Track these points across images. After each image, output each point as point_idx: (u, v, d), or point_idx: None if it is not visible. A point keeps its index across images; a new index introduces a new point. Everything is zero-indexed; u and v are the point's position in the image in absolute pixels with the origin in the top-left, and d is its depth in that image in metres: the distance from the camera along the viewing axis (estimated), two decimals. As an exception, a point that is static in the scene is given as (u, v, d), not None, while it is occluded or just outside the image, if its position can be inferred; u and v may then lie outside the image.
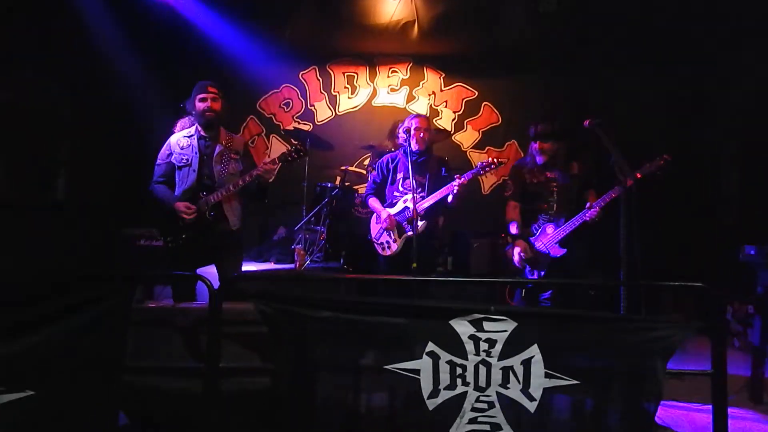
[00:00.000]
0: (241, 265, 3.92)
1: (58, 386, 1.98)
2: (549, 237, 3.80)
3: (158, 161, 3.72)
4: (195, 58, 6.28)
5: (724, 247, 4.68)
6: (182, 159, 3.65)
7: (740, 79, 5.64)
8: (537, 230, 3.87)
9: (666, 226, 5.57)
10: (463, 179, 3.93)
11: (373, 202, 4.38)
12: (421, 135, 4.16)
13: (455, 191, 3.93)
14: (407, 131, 4.12)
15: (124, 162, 5.68)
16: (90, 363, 2.07)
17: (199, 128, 3.71)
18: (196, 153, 3.66)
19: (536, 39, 6.13)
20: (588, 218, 3.68)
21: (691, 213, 5.84)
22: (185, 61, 6.26)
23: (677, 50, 5.80)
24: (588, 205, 3.71)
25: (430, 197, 4.03)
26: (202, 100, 3.64)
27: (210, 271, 3.57)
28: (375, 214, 4.37)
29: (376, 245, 4.30)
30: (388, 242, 4.20)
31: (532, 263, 3.84)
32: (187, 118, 3.80)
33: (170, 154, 3.68)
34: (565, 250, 3.76)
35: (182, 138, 3.71)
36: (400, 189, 4.23)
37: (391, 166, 4.34)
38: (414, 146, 4.13)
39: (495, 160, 3.97)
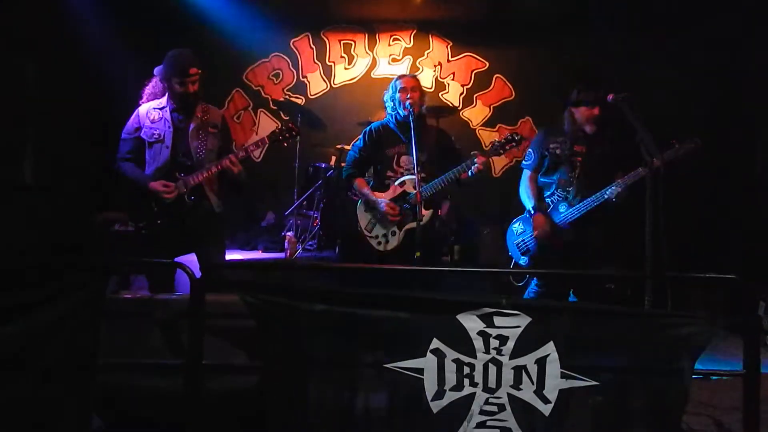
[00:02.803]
0: (224, 253, 3.91)
1: (23, 388, 1.98)
2: (560, 217, 3.78)
3: (124, 135, 3.60)
4: (176, 24, 6.21)
5: (759, 238, 4.68)
6: (153, 134, 3.53)
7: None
8: (548, 208, 3.84)
9: (695, 213, 5.56)
10: (483, 158, 3.67)
11: (362, 185, 3.98)
12: (408, 96, 3.79)
13: (474, 172, 3.67)
14: (393, 97, 3.87)
15: (98, 141, 5.65)
16: (60, 361, 2.07)
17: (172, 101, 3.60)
18: (169, 127, 3.54)
19: (555, 4, 6.06)
20: (606, 196, 3.63)
21: (722, 200, 5.82)
22: (165, 28, 6.18)
23: (710, 21, 5.74)
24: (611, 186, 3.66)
25: (437, 180, 3.74)
26: (181, 84, 3.47)
27: (191, 260, 3.55)
28: (362, 201, 4.00)
29: (368, 239, 3.94)
30: (385, 236, 3.89)
31: (545, 247, 3.80)
32: (156, 81, 3.62)
33: (139, 128, 3.55)
34: (575, 234, 3.74)
35: (152, 110, 3.58)
36: (395, 167, 3.93)
37: (382, 138, 3.98)
38: (403, 112, 3.79)
39: (515, 135, 3.78)
